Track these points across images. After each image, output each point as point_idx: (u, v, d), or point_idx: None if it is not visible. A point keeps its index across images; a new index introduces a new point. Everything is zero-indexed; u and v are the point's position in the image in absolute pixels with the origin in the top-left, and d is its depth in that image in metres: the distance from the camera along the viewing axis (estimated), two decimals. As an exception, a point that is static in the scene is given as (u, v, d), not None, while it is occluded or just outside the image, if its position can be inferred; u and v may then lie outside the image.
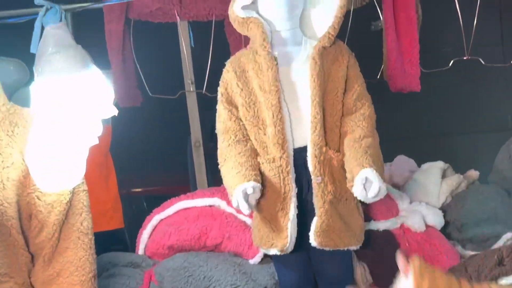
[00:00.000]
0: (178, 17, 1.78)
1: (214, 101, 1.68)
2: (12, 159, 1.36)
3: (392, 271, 0.89)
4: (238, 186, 1.43)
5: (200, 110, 1.86)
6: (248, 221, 1.72)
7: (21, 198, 1.39)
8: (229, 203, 1.69)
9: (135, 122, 1.66)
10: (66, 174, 1.33)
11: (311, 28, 1.56)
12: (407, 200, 1.73)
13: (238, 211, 1.66)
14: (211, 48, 1.82)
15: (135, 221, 2.09)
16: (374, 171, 1.40)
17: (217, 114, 1.59)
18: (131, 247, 1.99)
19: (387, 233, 1.74)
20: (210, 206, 1.78)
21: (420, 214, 1.78)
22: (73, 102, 1.32)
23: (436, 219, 1.81)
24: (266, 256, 1.64)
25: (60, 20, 1.31)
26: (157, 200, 1.97)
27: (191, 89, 1.82)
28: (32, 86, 1.34)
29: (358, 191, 1.41)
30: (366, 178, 1.40)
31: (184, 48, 1.81)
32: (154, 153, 3.36)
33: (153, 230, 1.79)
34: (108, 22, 1.80)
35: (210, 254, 1.68)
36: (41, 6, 1.34)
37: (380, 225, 1.76)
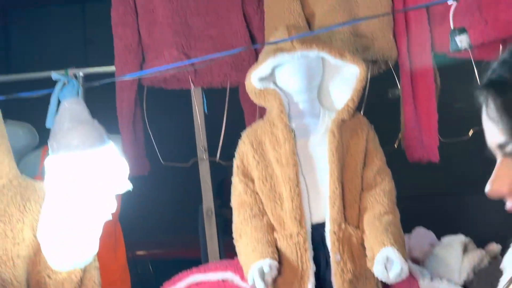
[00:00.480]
0: (192, 84, 1.78)
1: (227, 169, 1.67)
2: (23, 235, 1.32)
3: None
4: (254, 264, 1.37)
5: (212, 178, 1.83)
6: None
7: (31, 276, 1.33)
8: (243, 278, 1.62)
9: (145, 188, 1.62)
10: (79, 251, 1.28)
11: (329, 100, 1.55)
12: (428, 277, 1.65)
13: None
14: (225, 115, 1.80)
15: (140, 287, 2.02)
16: (396, 250, 1.35)
17: (232, 187, 1.55)
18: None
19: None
20: (223, 280, 1.71)
21: (442, 292, 1.71)
22: (88, 178, 1.28)
23: (459, 297, 1.73)
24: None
25: (77, 95, 1.30)
26: (164, 264, 1.91)
27: (204, 157, 1.79)
28: (47, 160, 1.31)
29: (379, 271, 1.35)
30: (387, 258, 1.35)
31: (197, 114, 1.79)
32: (162, 216, 3.33)
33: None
34: (120, 89, 1.78)
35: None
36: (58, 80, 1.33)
37: (401, 304, 1.67)
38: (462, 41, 1.28)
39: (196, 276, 1.79)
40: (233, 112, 1.90)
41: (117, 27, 1.84)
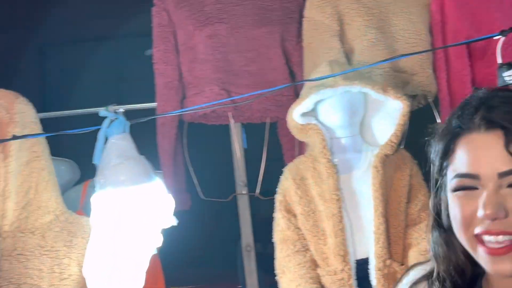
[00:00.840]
0: (232, 120, 1.82)
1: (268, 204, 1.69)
2: (70, 271, 1.35)
3: None
4: None
5: (252, 214, 1.86)
6: None
7: (77, 312, 1.35)
8: None
9: (184, 222, 1.65)
10: (124, 287, 1.30)
11: (371, 135, 1.57)
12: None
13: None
14: (264, 150, 1.84)
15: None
16: None
17: (275, 223, 1.55)
18: None
19: None
20: None
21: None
22: (135, 213, 1.31)
23: None
24: None
25: (124, 131, 1.34)
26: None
27: (243, 192, 1.82)
28: (94, 196, 1.34)
29: None
30: None
31: (236, 149, 1.83)
32: (201, 251, 3.39)
33: None
34: (161, 125, 1.84)
35: None
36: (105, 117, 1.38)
37: None
38: (511, 76, 1.27)
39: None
40: (272, 147, 1.94)
41: (159, 65, 1.91)
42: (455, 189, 0.73)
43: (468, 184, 0.72)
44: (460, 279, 0.84)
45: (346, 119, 1.51)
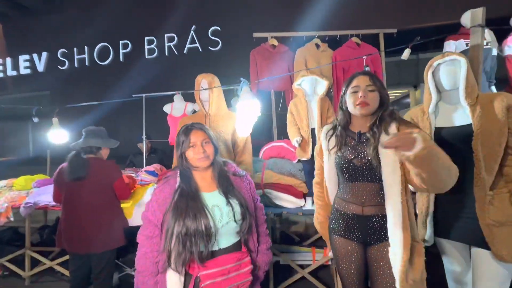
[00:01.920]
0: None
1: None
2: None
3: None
4: (295, 137, 4.24)
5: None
6: (292, 150, 4.29)
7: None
8: (287, 144, 4.47)
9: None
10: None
11: None
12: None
13: (290, 147, 4.47)
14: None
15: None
16: None
17: None
18: None
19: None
20: (281, 145, 4.45)
21: None
22: (250, 109, 3.19)
23: None
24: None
25: (248, 85, 3.21)
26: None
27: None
28: (237, 105, 3.25)
29: None
30: None
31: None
32: None
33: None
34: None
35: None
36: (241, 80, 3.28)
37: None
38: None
39: (269, 145, 4.42)
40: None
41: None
42: (351, 92, 2.05)
43: (355, 90, 2.03)
44: (344, 126, 2.14)
45: (310, 86, 4.46)
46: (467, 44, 4.44)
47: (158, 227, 2.00)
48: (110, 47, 7.78)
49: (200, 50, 6.97)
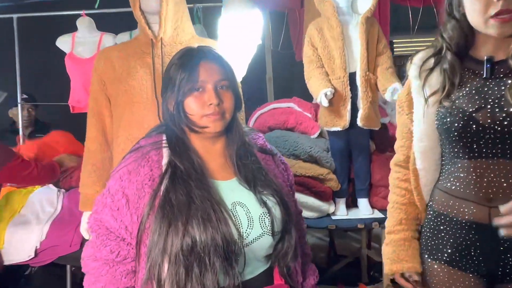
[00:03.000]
0: None
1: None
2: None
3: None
4: (322, 90, 2.53)
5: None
6: (309, 115, 2.90)
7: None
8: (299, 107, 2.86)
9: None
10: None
11: (358, 6, 2.69)
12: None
13: (306, 110, 2.83)
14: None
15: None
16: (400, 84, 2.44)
17: (304, 54, 2.71)
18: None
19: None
20: (289, 107, 2.95)
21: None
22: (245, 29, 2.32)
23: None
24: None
25: None
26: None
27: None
28: (220, 21, 2.32)
29: (388, 96, 2.52)
30: (395, 88, 2.48)
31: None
32: None
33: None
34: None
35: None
36: None
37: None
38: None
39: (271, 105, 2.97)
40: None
41: None
42: None
43: None
44: (463, 49, 1.47)
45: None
46: None
47: (129, 242, 1.40)
48: None
49: None
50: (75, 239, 2.66)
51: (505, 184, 1.42)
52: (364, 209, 2.73)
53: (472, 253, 1.51)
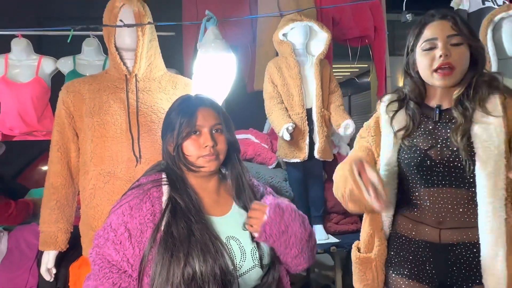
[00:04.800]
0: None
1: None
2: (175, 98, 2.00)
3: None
4: (284, 125, 2.67)
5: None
6: (266, 146, 3.01)
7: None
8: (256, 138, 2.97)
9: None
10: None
11: (313, 49, 2.94)
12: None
13: (263, 141, 2.95)
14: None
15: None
16: (352, 121, 2.74)
17: (264, 90, 2.86)
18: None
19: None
20: (246, 139, 3.03)
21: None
22: (219, 70, 2.31)
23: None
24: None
25: (215, 25, 2.32)
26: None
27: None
28: (196, 60, 2.33)
29: (341, 131, 2.75)
30: (347, 124, 2.73)
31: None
32: None
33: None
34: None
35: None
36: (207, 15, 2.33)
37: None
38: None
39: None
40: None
41: None
42: (424, 49, 1.56)
43: (430, 46, 1.55)
44: (419, 99, 1.69)
45: (303, 40, 2.86)
46: (483, 2, 3.51)
47: (131, 275, 1.44)
48: None
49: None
50: (30, 281, 2.50)
51: (451, 210, 1.63)
52: (320, 235, 2.87)
53: (427, 268, 1.70)
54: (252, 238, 1.54)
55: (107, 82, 2.22)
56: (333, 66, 3.44)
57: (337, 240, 2.82)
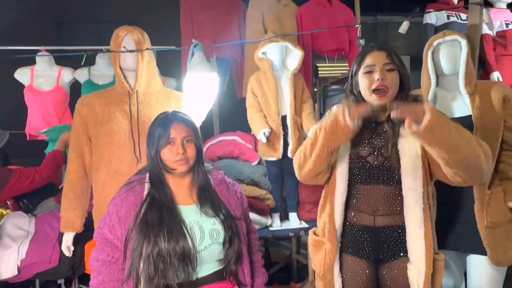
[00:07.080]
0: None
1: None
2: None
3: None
4: (261, 130, 3.13)
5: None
6: (250, 146, 3.45)
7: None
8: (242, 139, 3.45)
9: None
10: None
11: (289, 64, 3.37)
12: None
13: (247, 142, 3.41)
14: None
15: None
16: None
17: (247, 101, 3.31)
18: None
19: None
20: (233, 140, 3.48)
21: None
22: (204, 87, 2.67)
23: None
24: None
25: (201, 50, 2.74)
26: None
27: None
28: (185, 79, 2.74)
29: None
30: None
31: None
32: None
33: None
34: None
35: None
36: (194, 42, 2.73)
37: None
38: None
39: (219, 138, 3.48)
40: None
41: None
42: (365, 72, 1.87)
43: (370, 70, 1.86)
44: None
45: (280, 57, 3.29)
46: (448, 17, 4.19)
47: (120, 249, 1.80)
48: None
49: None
50: (54, 256, 2.92)
51: (383, 201, 1.96)
52: (293, 221, 3.37)
53: (365, 246, 2.01)
54: (210, 219, 1.83)
55: (114, 96, 2.63)
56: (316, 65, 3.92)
57: (307, 226, 3.33)
